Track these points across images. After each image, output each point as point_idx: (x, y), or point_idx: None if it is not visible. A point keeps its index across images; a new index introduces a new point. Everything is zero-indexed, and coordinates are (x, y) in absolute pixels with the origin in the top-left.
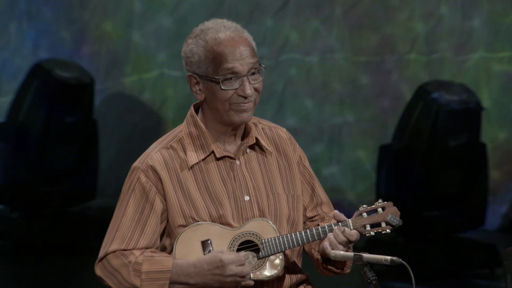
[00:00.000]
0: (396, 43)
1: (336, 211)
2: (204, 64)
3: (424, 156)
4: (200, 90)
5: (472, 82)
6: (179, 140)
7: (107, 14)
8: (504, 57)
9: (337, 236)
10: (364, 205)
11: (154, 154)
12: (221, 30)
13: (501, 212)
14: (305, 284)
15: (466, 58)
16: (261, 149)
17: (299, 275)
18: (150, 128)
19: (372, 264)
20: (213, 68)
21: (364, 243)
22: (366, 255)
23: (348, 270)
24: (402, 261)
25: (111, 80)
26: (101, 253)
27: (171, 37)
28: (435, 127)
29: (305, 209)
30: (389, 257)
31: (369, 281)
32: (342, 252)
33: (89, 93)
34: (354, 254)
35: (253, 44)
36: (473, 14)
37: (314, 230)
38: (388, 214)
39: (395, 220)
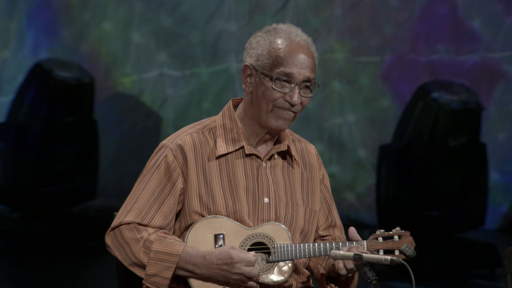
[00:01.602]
0: (396, 43)
1: (353, 228)
2: (265, 58)
3: (424, 156)
4: (250, 83)
5: (472, 82)
6: (212, 129)
7: (107, 14)
8: (504, 57)
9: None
10: (382, 230)
11: (185, 136)
12: (293, 34)
13: (501, 212)
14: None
15: (466, 58)
16: (290, 158)
17: (305, 280)
18: (150, 128)
19: (372, 264)
20: (272, 65)
21: None
22: (366, 255)
23: None
24: (402, 261)
25: (111, 80)
26: (115, 222)
27: (171, 37)
28: (435, 127)
29: (318, 227)
30: (389, 257)
31: (369, 281)
32: (342, 252)
33: (89, 93)
34: (354, 254)
35: (316, 62)
36: (473, 14)
37: (327, 244)
38: (403, 243)
39: (409, 251)
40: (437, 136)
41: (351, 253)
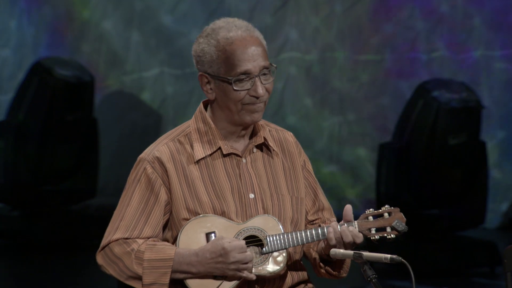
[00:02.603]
0: (396, 42)
1: (349, 207)
2: (216, 64)
3: (424, 154)
4: (211, 89)
5: (472, 81)
6: (187, 135)
7: (107, 12)
8: (504, 55)
9: (346, 236)
10: (371, 209)
11: (161, 147)
12: (233, 29)
13: (501, 211)
14: (305, 284)
15: (466, 57)
16: (268, 149)
17: (301, 274)
18: (150, 126)
19: (372, 263)
20: (225, 68)
21: (364, 241)
22: (366, 253)
23: (345, 274)
24: (402, 260)
25: (111, 78)
26: (103, 242)
27: (171, 36)
28: (435, 126)
29: (306, 213)
30: (389, 256)
31: (369, 279)
32: (342, 250)
33: (89, 91)
34: (354, 253)
35: (264, 43)
36: (473, 12)
37: (319, 229)
38: (394, 219)
39: (400, 226)
40: (437, 135)
41: (351, 252)
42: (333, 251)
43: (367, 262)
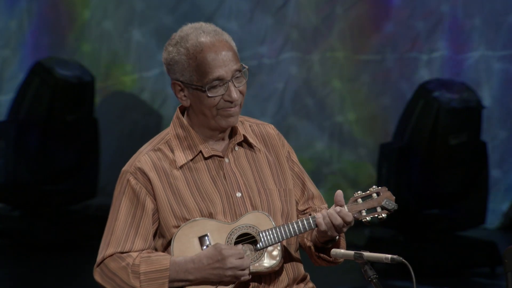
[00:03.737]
0: (396, 42)
1: (340, 192)
2: (188, 72)
3: (424, 154)
4: (185, 96)
5: (473, 81)
6: (167, 142)
7: (108, 12)
8: (505, 55)
9: (335, 218)
10: (359, 191)
11: (142, 157)
12: (201, 35)
13: (502, 211)
14: (305, 283)
15: (467, 57)
16: (250, 146)
17: (298, 272)
18: (151, 126)
19: (372, 263)
20: (197, 76)
21: (364, 241)
22: (366, 254)
23: (341, 260)
24: (403, 260)
25: (111, 78)
26: (98, 258)
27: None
28: (436, 126)
29: (296, 203)
30: (389, 256)
31: (369, 279)
32: (342, 251)
33: (89, 91)
34: (355, 253)
35: (234, 45)
36: (473, 12)
37: (310, 219)
38: (383, 198)
39: (390, 204)
40: (438, 135)
41: (352, 252)
42: (334, 251)
43: (367, 262)
